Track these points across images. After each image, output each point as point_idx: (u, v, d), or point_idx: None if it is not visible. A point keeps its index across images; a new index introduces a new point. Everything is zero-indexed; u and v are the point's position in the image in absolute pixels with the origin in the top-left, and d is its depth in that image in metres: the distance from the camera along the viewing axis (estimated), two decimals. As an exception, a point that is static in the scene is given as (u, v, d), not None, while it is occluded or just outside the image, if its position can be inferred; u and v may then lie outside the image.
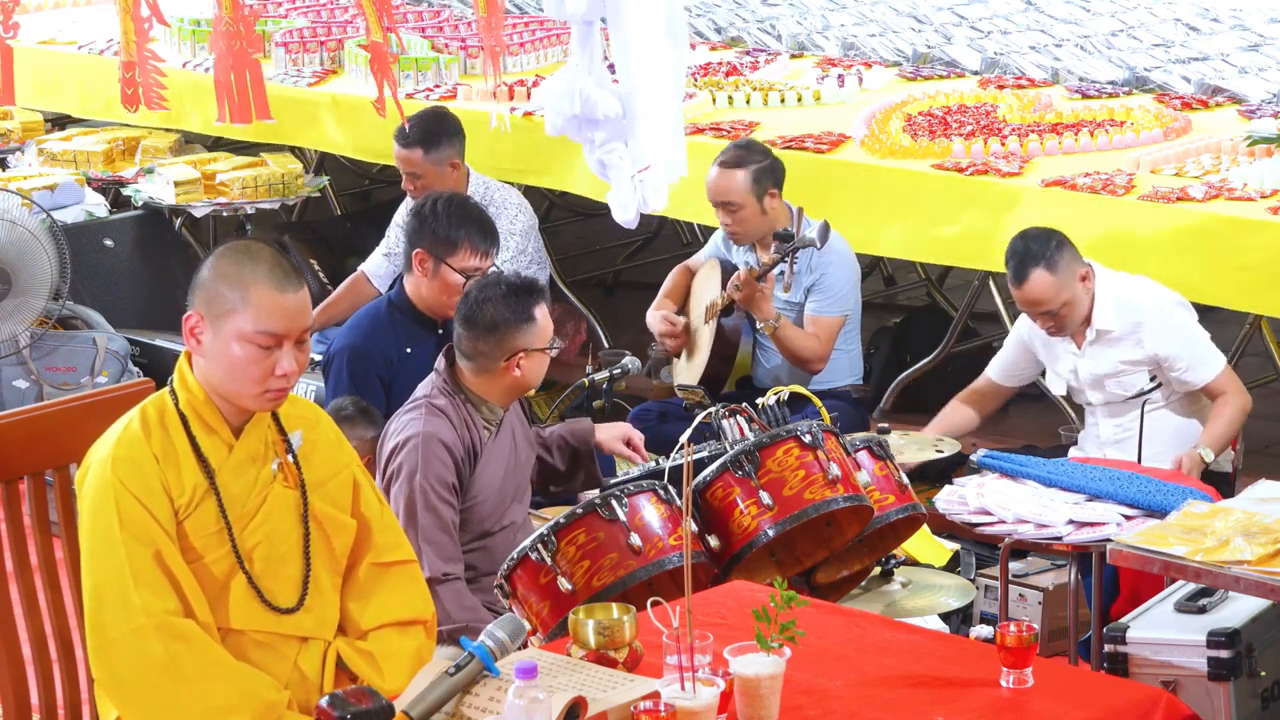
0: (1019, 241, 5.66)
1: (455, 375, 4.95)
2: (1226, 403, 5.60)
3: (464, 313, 4.97)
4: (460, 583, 4.80)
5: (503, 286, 4.97)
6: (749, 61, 8.55)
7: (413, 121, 6.72)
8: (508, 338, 4.91)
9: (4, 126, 9.17)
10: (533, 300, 4.96)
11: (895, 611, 4.81)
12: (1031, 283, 5.57)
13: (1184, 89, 7.66)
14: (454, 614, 4.71)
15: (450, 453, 4.83)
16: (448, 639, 4.62)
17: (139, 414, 3.65)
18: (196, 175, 8.24)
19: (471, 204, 5.96)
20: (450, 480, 4.83)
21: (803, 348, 6.35)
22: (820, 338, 6.39)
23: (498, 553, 4.82)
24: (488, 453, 4.92)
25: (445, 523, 4.81)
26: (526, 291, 4.97)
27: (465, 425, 4.89)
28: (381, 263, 7.12)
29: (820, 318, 6.41)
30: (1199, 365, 5.62)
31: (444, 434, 4.84)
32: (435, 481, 4.80)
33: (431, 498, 4.78)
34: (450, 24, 9.20)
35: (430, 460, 4.80)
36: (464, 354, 4.95)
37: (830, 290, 6.41)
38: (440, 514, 4.80)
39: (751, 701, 3.39)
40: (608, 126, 5.39)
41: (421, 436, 4.82)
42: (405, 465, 4.81)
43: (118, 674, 3.56)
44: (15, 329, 7.12)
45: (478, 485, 4.90)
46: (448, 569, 4.77)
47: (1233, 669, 4.43)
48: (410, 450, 4.82)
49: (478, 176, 6.85)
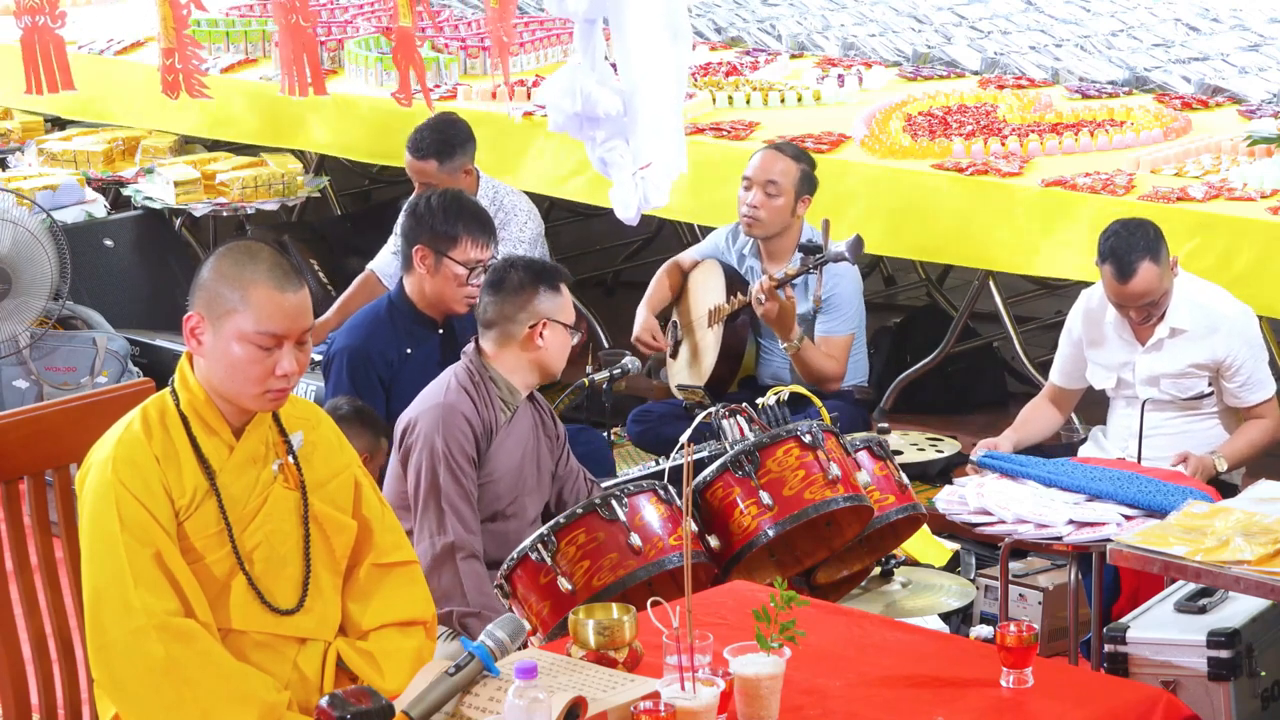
0: (1121, 234, 5.45)
1: (480, 356, 4.97)
2: (1259, 426, 5.52)
3: (491, 279, 5.04)
4: (481, 565, 4.79)
5: (524, 260, 5.10)
6: (749, 61, 8.55)
7: (425, 131, 6.71)
8: (534, 302, 4.96)
9: (4, 126, 9.18)
10: (560, 276, 5.07)
11: (895, 611, 4.81)
12: (1140, 275, 5.41)
13: (1184, 89, 7.66)
14: (471, 597, 4.70)
15: (470, 426, 4.85)
16: (456, 622, 4.63)
17: (140, 415, 3.65)
18: (196, 175, 8.24)
19: (466, 197, 5.97)
20: (469, 451, 4.84)
21: (822, 368, 6.32)
22: (835, 358, 6.37)
23: (509, 541, 4.81)
24: (504, 433, 4.92)
25: (466, 492, 4.82)
26: (554, 268, 5.11)
27: (485, 403, 4.90)
28: (391, 260, 7.11)
29: (832, 338, 6.38)
30: (1257, 385, 5.54)
31: (464, 407, 4.86)
32: (455, 450, 4.82)
33: (453, 464, 4.80)
34: (450, 24, 9.20)
35: (451, 429, 4.82)
36: (487, 323, 4.97)
37: (839, 309, 6.37)
38: (461, 482, 4.81)
39: (751, 701, 3.39)
40: (609, 124, 5.40)
41: (443, 407, 4.85)
42: (425, 434, 4.83)
43: (117, 674, 3.56)
44: (15, 329, 7.12)
45: (493, 463, 4.90)
46: (471, 540, 4.78)
47: (1233, 669, 4.43)
48: (432, 420, 4.84)
49: (487, 180, 6.84)
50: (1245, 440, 5.53)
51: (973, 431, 6.24)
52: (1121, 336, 5.65)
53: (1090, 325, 5.73)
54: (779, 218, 6.39)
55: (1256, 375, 5.55)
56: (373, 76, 8.33)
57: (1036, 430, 5.82)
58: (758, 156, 6.43)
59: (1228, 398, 5.58)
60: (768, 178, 6.36)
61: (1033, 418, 5.85)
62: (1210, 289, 5.65)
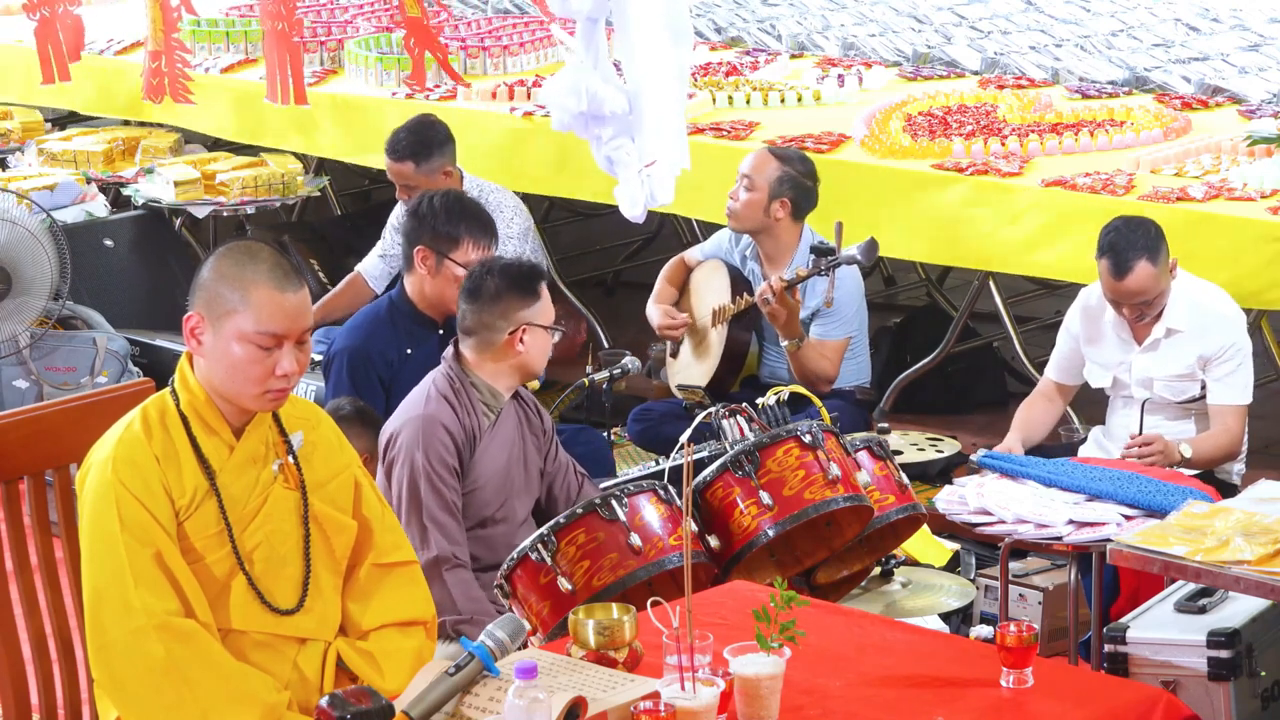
0: (1120, 231, 5.48)
1: (460, 363, 4.96)
2: (1226, 434, 5.52)
3: (468, 287, 5.01)
4: (468, 572, 4.79)
5: (502, 263, 5.06)
6: (749, 61, 8.55)
7: (402, 134, 6.72)
8: (512, 309, 4.93)
9: (4, 126, 9.18)
10: (536, 279, 5.02)
11: (895, 611, 4.81)
12: (1136, 274, 5.44)
13: (1184, 89, 7.66)
14: (461, 604, 4.70)
15: (451, 436, 4.83)
16: (450, 630, 4.63)
17: (140, 415, 3.65)
18: (196, 175, 8.24)
19: (468, 199, 5.97)
20: (451, 463, 4.82)
21: (816, 369, 6.32)
22: (829, 360, 6.36)
23: (498, 545, 4.81)
24: (488, 439, 4.91)
25: (448, 504, 4.81)
26: (530, 271, 5.05)
27: (467, 411, 4.89)
28: (378, 264, 7.14)
29: (827, 341, 6.37)
30: (1231, 387, 5.53)
31: (444, 417, 4.84)
32: (436, 462, 4.80)
33: (434, 478, 4.79)
34: (450, 24, 9.20)
35: (431, 441, 4.80)
36: (466, 331, 4.95)
37: (836, 313, 6.36)
38: (443, 495, 4.80)
39: (751, 701, 3.39)
40: (614, 123, 5.40)
41: (422, 419, 4.83)
42: (406, 447, 4.81)
43: (118, 674, 3.56)
44: (15, 329, 7.12)
45: (477, 471, 4.88)
46: (455, 551, 4.77)
47: (1233, 669, 4.43)
48: (411, 433, 4.83)
49: (471, 179, 6.84)
50: (1211, 443, 5.52)
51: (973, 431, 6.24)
52: (1119, 335, 5.66)
53: (1088, 323, 5.73)
54: (750, 213, 6.40)
55: (1234, 378, 5.54)
56: (373, 76, 8.33)
57: (1040, 427, 5.84)
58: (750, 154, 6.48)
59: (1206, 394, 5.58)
60: (746, 171, 6.41)
61: (1032, 416, 5.86)
62: (1208, 289, 5.65)
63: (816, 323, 6.37)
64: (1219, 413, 5.54)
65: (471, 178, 6.86)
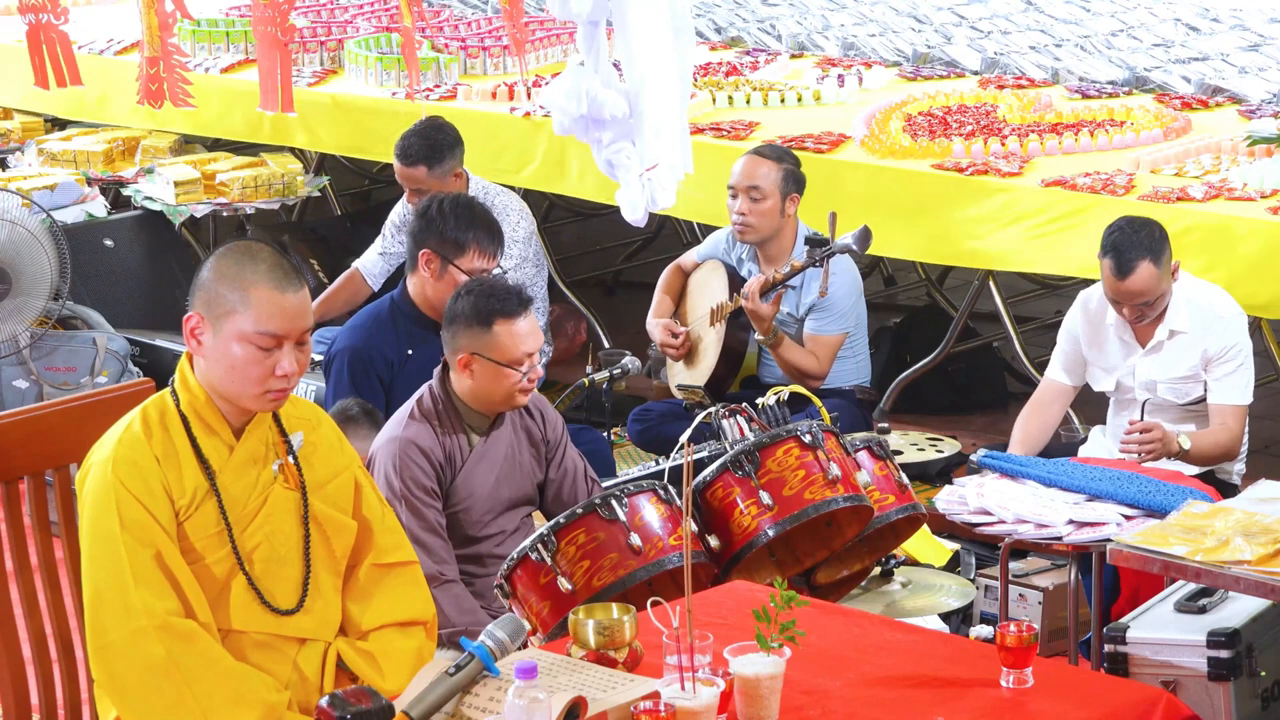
0: (1125, 230, 5.46)
1: (445, 380, 4.93)
2: (1225, 433, 5.51)
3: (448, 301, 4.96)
4: (458, 585, 4.78)
5: (486, 286, 4.91)
6: (749, 61, 8.55)
7: (412, 138, 6.70)
8: (459, 334, 4.83)
9: (4, 126, 9.18)
10: (501, 308, 4.81)
11: (895, 611, 4.81)
12: (1138, 274, 5.42)
13: (1184, 89, 7.66)
14: (453, 617, 4.69)
15: (427, 457, 4.79)
16: (446, 642, 4.61)
17: (140, 415, 3.65)
18: (196, 175, 8.24)
19: (478, 205, 5.94)
20: (428, 484, 4.79)
21: (800, 364, 6.31)
22: (819, 355, 6.35)
23: (489, 560, 4.81)
24: (473, 460, 4.87)
25: (430, 524, 4.78)
26: (501, 298, 4.84)
27: (448, 431, 4.85)
28: (376, 260, 7.13)
29: (820, 336, 6.36)
30: (1232, 387, 5.52)
31: (421, 439, 4.80)
32: (413, 484, 4.77)
33: (413, 500, 4.76)
34: (450, 24, 9.20)
35: (406, 464, 4.77)
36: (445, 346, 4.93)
37: (832, 309, 6.35)
38: (424, 516, 4.77)
39: (751, 701, 3.39)
40: (615, 126, 5.40)
41: (399, 442, 4.80)
42: (383, 470, 4.78)
43: (118, 675, 3.56)
44: (15, 329, 7.12)
45: (462, 491, 4.85)
46: (442, 570, 4.76)
47: (1233, 669, 4.43)
48: (386, 456, 4.80)
49: (476, 181, 6.84)
50: (1211, 440, 5.52)
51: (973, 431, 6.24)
52: (1122, 339, 5.65)
53: (1090, 326, 5.72)
54: (768, 221, 6.38)
55: (1234, 378, 5.53)
56: (373, 76, 8.33)
57: (1039, 440, 5.80)
58: (739, 164, 6.41)
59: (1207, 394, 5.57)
60: (750, 183, 6.35)
61: (1031, 429, 5.80)
62: (1210, 290, 5.65)
63: (812, 317, 6.36)
64: (1219, 412, 5.54)
65: (476, 179, 6.85)
